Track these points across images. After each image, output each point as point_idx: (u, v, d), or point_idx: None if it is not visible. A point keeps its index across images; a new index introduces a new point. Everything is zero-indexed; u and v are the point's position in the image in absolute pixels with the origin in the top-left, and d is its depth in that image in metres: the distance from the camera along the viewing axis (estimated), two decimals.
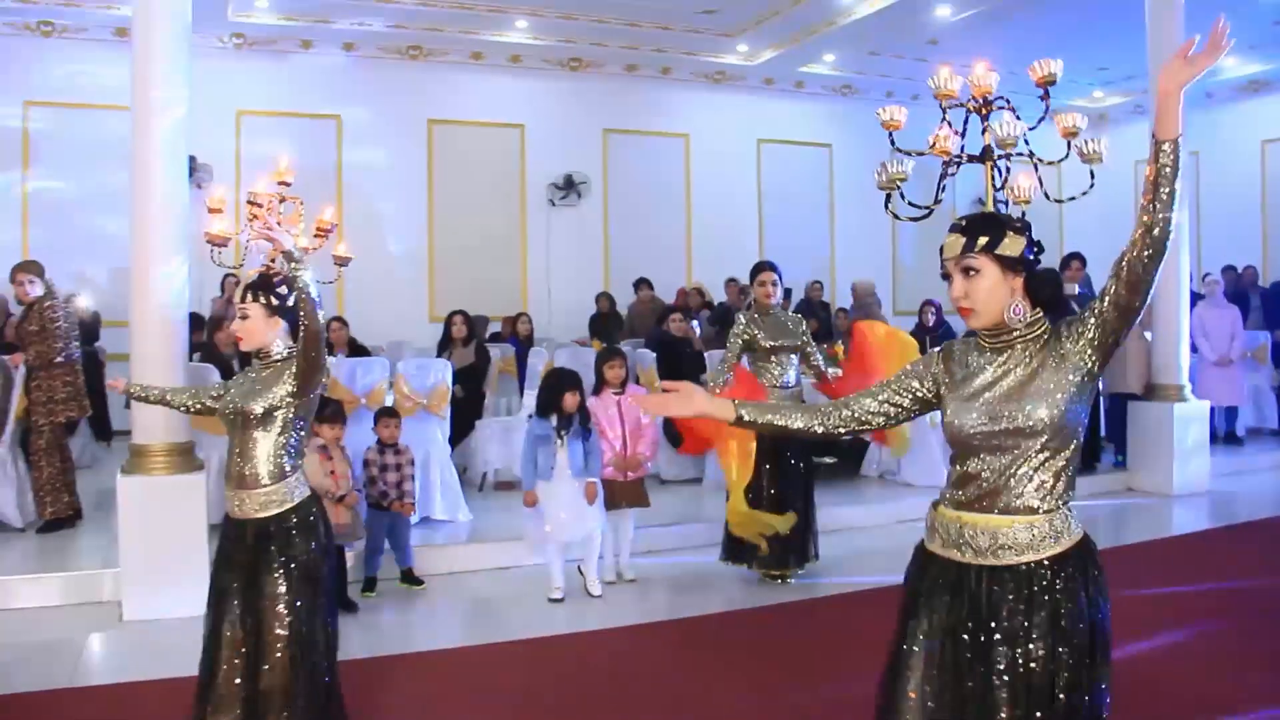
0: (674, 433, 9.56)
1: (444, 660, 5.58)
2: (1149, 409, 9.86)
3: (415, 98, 14.13)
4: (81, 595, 6.42)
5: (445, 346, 10.10)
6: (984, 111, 2.95)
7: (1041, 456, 2.65)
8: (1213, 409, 10.59)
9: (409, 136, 14.26)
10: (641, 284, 13.84)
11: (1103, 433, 10.62)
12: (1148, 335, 9.91)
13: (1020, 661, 2.61)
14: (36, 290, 7.77)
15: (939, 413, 2.84)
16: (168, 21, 6.38)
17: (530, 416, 6.78)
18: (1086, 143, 4.83)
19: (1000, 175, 4.12)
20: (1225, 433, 11.65)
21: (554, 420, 6.43)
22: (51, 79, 12.31)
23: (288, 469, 3.80)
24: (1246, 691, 4.94)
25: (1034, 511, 2.65)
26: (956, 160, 3.27)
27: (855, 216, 16.23)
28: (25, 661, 5.46)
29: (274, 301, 3.83)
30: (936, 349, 2.93)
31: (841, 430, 2.91)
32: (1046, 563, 2.64)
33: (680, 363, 9.78)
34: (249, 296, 3.83)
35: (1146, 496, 9.63)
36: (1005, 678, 2.62)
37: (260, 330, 3.83)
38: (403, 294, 13.92)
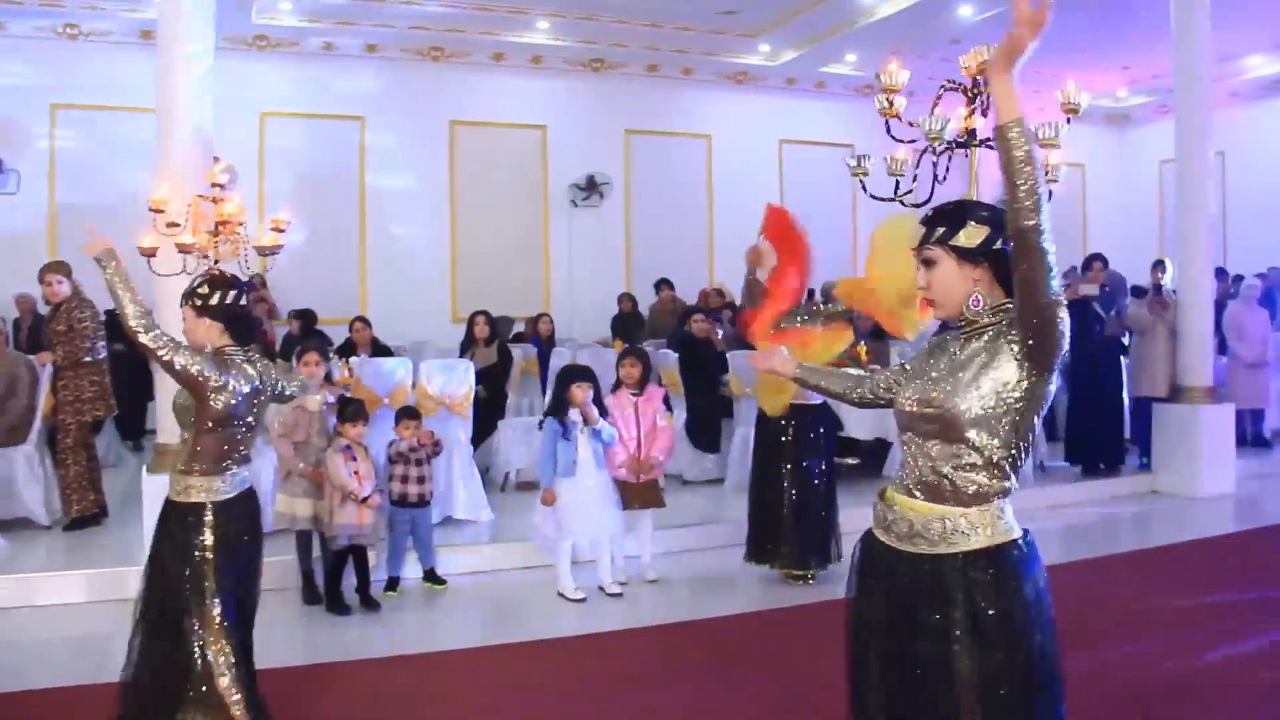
0: (696, 434, 9.58)
1: (466, 660, 5.60)
2: (1174, 411, 9.80)
3: (437, 99, 14.17)
4: (106, 592, 6.46)
5: (467, 347, 10.11)
6: (974, 94, 2.89)
7: (968, 448, 2.58)
8: (1239, 411, 10.51)
9: (431, 137, 14.30)
10: (663, 284, 13.84)
11: (1127, 434, 10.55)
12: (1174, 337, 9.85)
13: (939, 658, 2.56)
14: (64, 290, 7.84)
15: None
16: (192, 24, 6.44)
17: (542, 419, 6.75)
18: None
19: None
20: (1252, 435, 11.56)
21: (570, 417, 6.42)
22: (78, 81, 12.39)
23: (200, 467, 3.93)
24: (1270, 695, 4.92)
25: (960, 503, 2.59)
26: (949, 145, 3.21)
27: (878, 217, 16.17)
28: (51, 657, 5.51)
29: (197, 303, 3.95)
30: (930, 341, 2.90)
31: (868, 400, 3.06)
32: (963, 557, 2.57)
33: (702, 363, 9.76)
34: (183, 301, 3.98)
35: (1171, 499, 9.56)
36: (929, 674, 2.57)
37: (195, 332, 3.95)
38: (425, 294, 13.95)
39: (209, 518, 3.91)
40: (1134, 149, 17.79)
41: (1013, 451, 2.60)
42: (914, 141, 5.55)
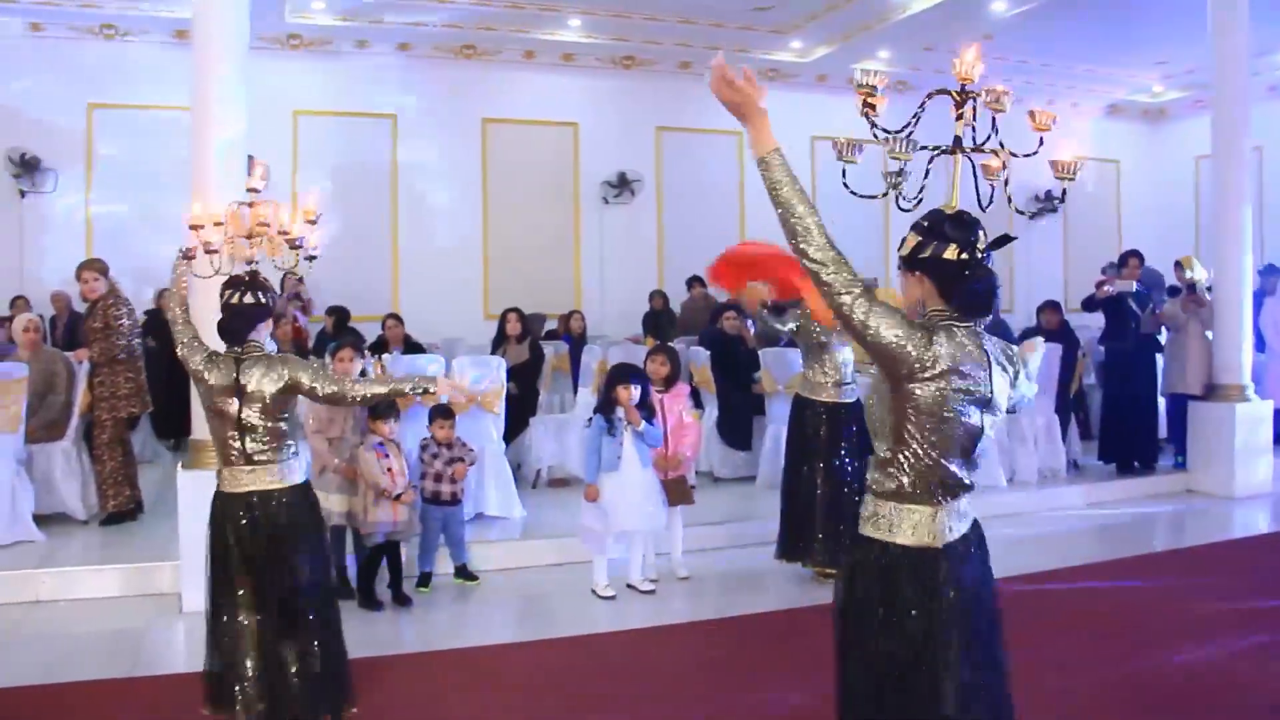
0: (728, 432, 9.56)
1: (497, 656, 5.61)
2: (1210, 409, 9.70)
3: (469, 96, 14.20)
4: (142, 587, 6.54)
5: (499, 344, 10.15)
6: (961, 99, 2.87)
7: (876, 445, 2.86)
8: (1277, 409, 10.38)
9: (463, 135, 14.33)
10: (695, 282, 13.82)
11: (1162, 433, 10.46)
12: (1209, 334, 9.75)
13: None
14: (101, 288, 7.91)
15: (996, 409, 2.82)
16: (227, 24, 6.47)
17: (591, 417, 6.77)
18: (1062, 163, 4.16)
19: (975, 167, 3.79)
20: None
21: (616, 414, 6.43)
22: (114, 81, 12.51)
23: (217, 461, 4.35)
24: None
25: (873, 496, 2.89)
26: (935, 149, 3.17)
27: (911, 214, 16.10)
28: (87, 651, 5.57)
29: None
30: None
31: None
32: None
33: (734, 360, 9.75)
34: None
35: (1207, 499, 9.48)
36: None
37: None
38: (457, 291, 13.98)
39: (214, 507, 4.20)
40: (1169, 145, 17.60)
41: (896, 452, 2.76)
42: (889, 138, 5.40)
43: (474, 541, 7.14)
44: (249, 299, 4.23)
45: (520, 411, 9.34)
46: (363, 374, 6.83)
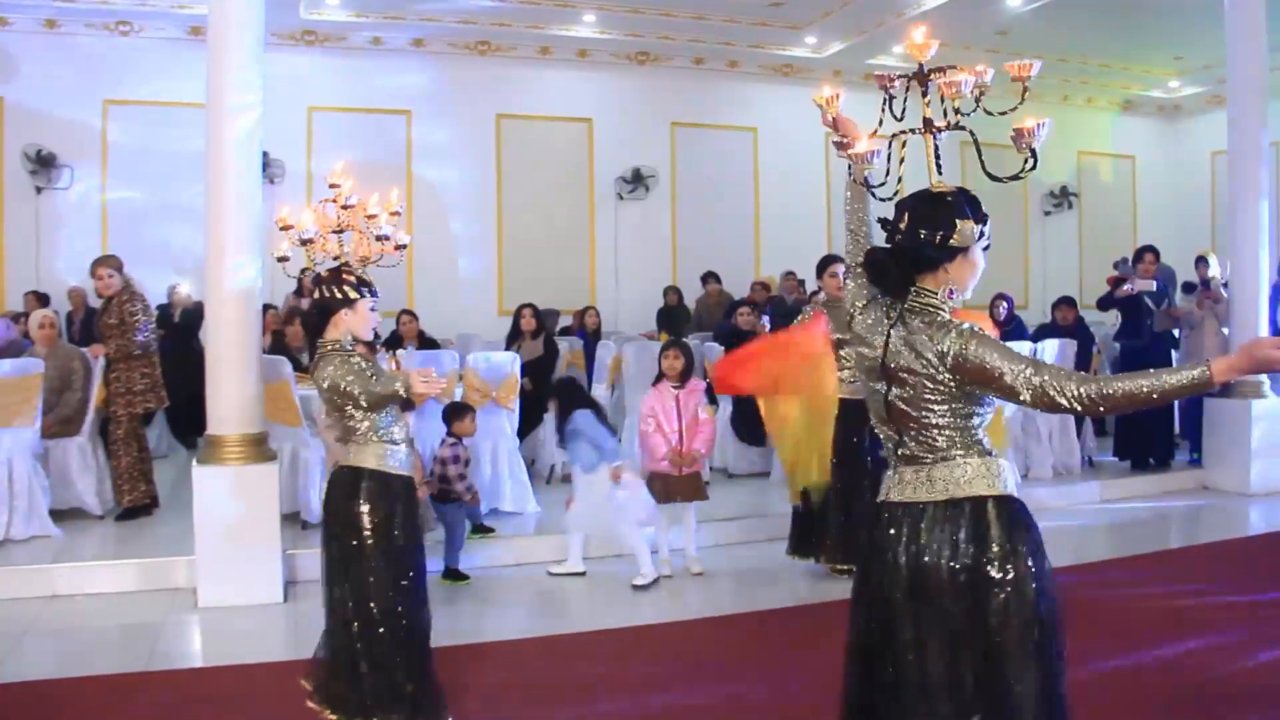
0: (741, 428, 9.54)
1: (508, 651, 5.62)
2: (1226, 405, 9.65)
3: (483, 93, 14.22)
4: (157, 582, 6.56)
5: (514, 339, 10.15)
6: (924, 81, 2.87)
7: None
8: None
9: (477, 131, 14.35)
10: (709, 278, 13.82)
11: (1177, 429, 10.41)
12: (1225, 330, 9.70)
13: None
14: (116, 284, 7.93)
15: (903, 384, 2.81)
16: (242, 21, 6.48)
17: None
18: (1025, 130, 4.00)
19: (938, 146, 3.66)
20: None
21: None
22: (130, 78, 12.57)
23: None
24: None
25: None
26: (904, 134, 3.13)
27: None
28: (103, 645, 5.61)
29: None
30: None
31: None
32: None
33: None
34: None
35: (1222, 495, 9.43)
36: None
37: None
38: (472, 287, 14.04)
39: None
40: (1186, 140, 17.55)
41: None
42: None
43: (489, 536, 7.15)
44: (324, 293, 4.32)
45: (534, 407, 9.34)
46: None
